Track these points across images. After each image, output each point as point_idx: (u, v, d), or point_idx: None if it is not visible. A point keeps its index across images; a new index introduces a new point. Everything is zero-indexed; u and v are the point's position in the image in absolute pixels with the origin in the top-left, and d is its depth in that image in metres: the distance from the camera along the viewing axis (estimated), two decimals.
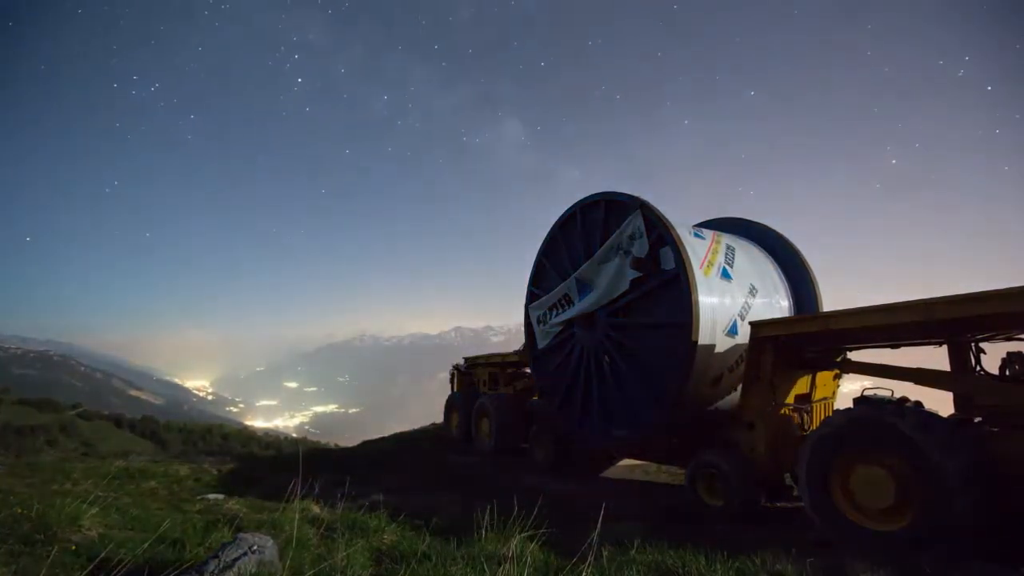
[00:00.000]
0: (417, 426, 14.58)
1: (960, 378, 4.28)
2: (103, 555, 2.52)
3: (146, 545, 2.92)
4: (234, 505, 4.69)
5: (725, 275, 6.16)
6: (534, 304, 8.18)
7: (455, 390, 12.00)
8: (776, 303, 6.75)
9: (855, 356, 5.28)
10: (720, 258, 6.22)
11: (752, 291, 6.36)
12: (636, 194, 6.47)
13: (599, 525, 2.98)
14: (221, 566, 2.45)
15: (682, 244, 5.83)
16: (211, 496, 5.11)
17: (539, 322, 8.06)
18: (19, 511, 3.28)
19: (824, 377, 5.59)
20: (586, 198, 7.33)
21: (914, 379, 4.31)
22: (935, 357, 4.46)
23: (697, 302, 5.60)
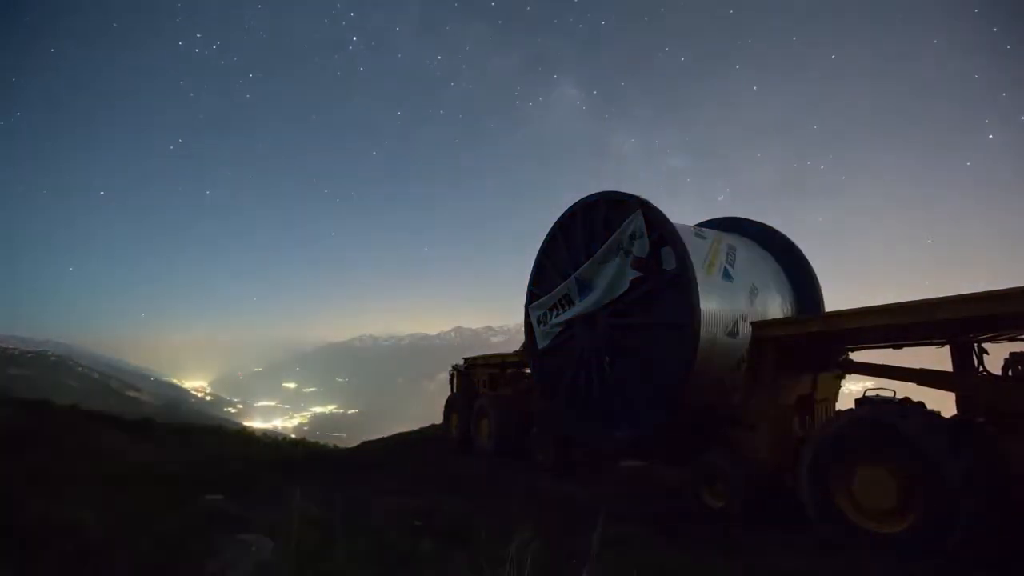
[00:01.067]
0: (416, 427, 14.55)
1: (962, 379, 4.27)
2: (101, 557, 2.49)
3: (144, 546, 2.89)
4: (233, 506, 4.65)
5: (726, 275, 6.15)
6: (534, 304, 8.16)
7: (455, 391, 11.96)
8: (778, 304, 6.74)
9: (857, 357, 5.27)
10: (722, 258, 6.21)
11: (754, 291, 6.35)
12: (637, 193, 6.47)
13: (600, 526, 2.97)
14: (220, 567, 2.43)
15: (683, 244, 5.81)
16: (210, 497, 5.06)
17: (539, 322, 8.04)
18: (16, 513, 3.25)
19: (826, 378, 5.58)
20: (586, 197, 7.32)
21: (916, 380, 4.30)
22: (937, 358, 4.45)
23: (698, 302, 5.58)
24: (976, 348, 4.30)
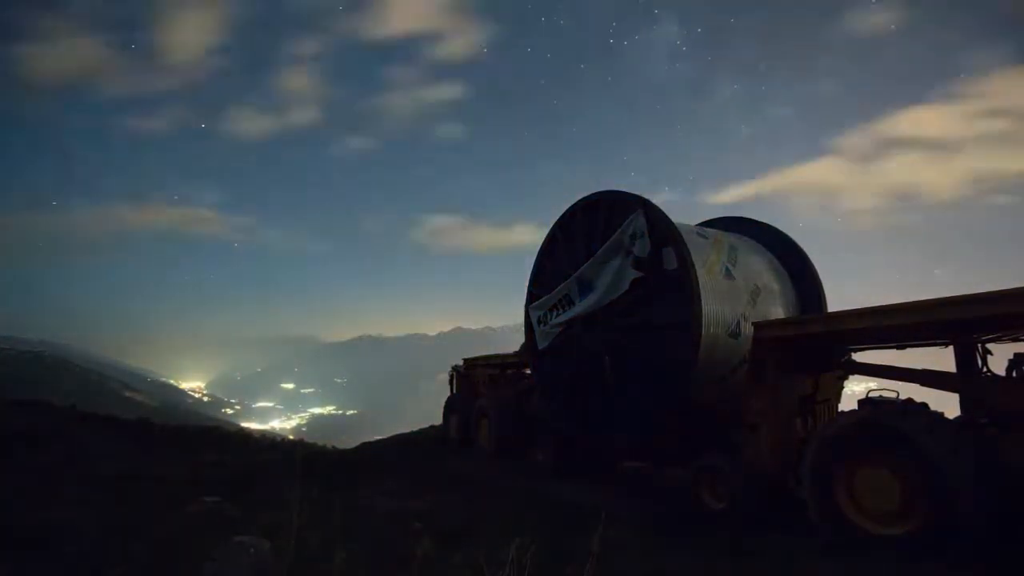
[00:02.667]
0: (416, 428, 14.50)
1: (966, 379, 4.24)
2: (98, 559, 2.46)
3: (142, 548, 2.86)
4: (231, 508, 4.62)
5: (728, 275, 6.13)
6: (534, 304, 8.13)
7: (454, 392, 11.92)
8: (779, 304, 6.71)
9: (860, 357, 5.24)
10: (723, 258, 6.19)
11: (755, 292, 6.33)
12: (639, 193, 6.45)
13: (600, 528, 2.94)
14: (218, 569, 2.40)
15: (684, 244, 5.79)
16: (208, 499, 5.02)
17: (539, 323, 8.01)
18: (14, 514, 3.21)
19: (828, 378, 5.55)
20: (586, 197, 7.31)
21: (920, 380, 4.26)
22: (941, 359, 4.43)
23: (700, 303, 5.56)
24: (980, 349, 4.27)
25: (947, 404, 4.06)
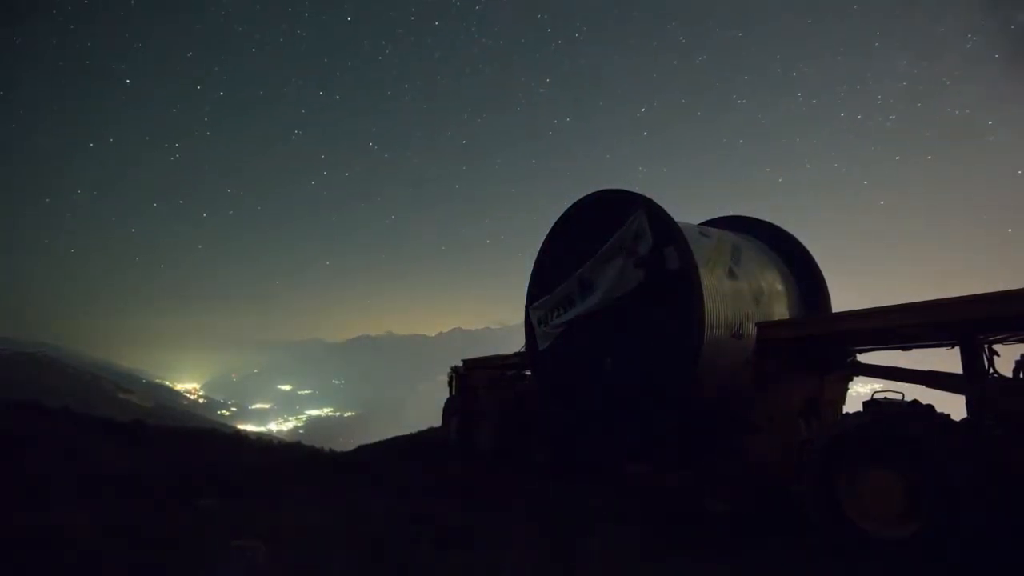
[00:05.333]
0: (414, 430, 14.43)
1: (972, 381, 4.21)
2: (92, 564, 2.40)
3: (137, 553, 2.79)
4: (227, 511, 4.54)
5: (731, 275, 6.07)
6: (535, 305, 8.08)
7: (453, 393, 11.87)
8: (783, 304, 6.66)
9: (865, 358, 5.22)
10: (726, 258, 6.14)
11: (759, 292, 6.28)
12: (640, 191, 6.41)
13: (601, 530, 2.89)
14: (214, 572, 2.34)
15: (687, 243, 5.74)
16: (204, 502, 4.95)
17: (540, 323, 7.96)
18: (6, 519, 3.14)
19: (833, 380, 5.51)
20: (587, 196, 7.27)
21: (925, 382, 4.24)
22: (947, 360, 4.40)
23: (702, 303, 5.51)
24: (987, 350, 4.24)
25: (953, 406, 4.03)
